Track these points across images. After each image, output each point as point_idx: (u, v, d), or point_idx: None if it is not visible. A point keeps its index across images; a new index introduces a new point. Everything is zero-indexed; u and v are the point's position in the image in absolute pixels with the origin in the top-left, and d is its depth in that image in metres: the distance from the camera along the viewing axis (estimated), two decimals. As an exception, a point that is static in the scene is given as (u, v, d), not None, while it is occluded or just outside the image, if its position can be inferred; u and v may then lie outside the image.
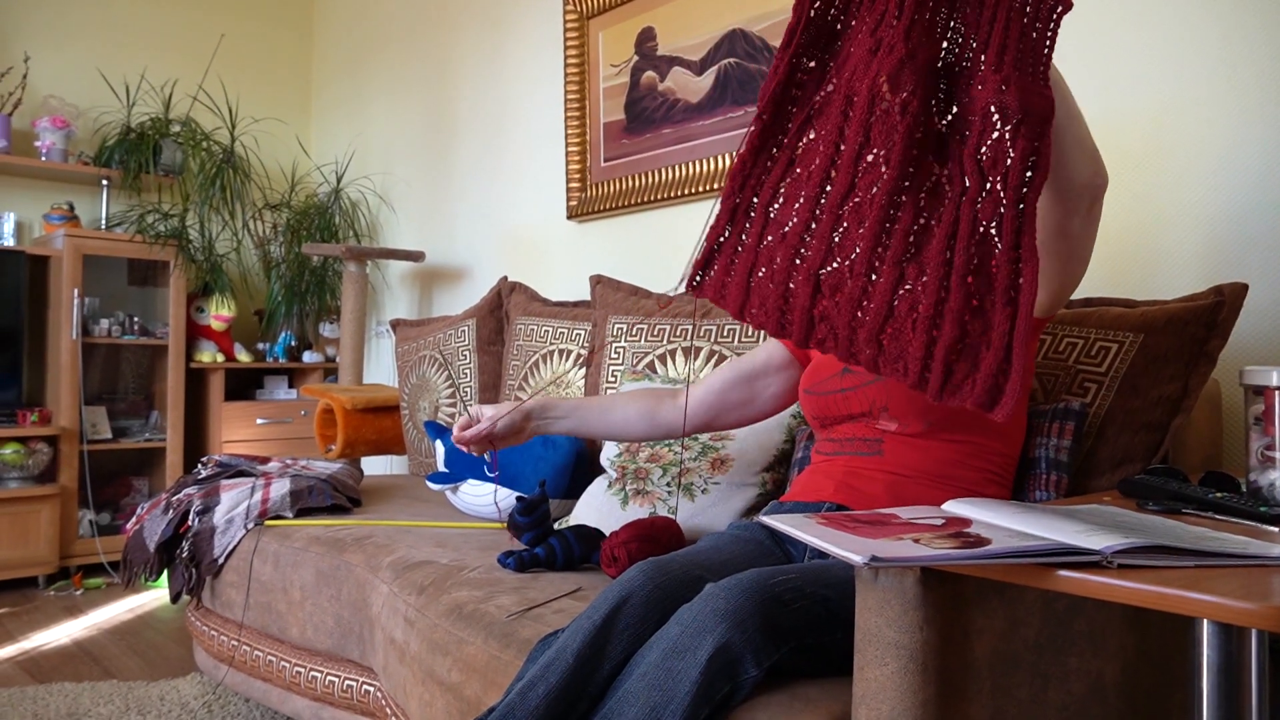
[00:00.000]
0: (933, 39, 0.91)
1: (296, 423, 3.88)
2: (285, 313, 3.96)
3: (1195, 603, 0.67)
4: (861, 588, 0.89)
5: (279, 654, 1.98)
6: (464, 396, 2.28)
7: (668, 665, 0.98)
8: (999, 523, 0.89)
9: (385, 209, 3.96)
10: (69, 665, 2.49)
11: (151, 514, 2.25)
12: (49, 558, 3.29)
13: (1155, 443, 1.37)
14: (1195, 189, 1.68)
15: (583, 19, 2.91)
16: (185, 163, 3.83)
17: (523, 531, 1.65)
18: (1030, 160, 0.85)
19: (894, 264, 0.89)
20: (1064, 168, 1.05)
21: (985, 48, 0.89)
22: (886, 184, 0.89)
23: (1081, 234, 1.13)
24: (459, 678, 1.36)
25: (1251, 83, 1.61)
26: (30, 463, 3.31)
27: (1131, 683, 1.09)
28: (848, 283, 0.91)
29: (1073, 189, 1.07)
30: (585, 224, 2.96)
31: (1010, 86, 0.86)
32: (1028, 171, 0.86)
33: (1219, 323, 1.37)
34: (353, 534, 1.94)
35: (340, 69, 4.29)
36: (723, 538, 1.37)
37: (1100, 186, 1.09)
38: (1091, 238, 1.16)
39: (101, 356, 3.73)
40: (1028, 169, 0.86)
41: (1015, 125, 0.86)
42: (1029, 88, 0.86)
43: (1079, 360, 1.46)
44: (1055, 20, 0.87)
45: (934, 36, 0.91)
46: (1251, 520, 0.97)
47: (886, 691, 0.86)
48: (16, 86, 3.60)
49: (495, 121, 3.35)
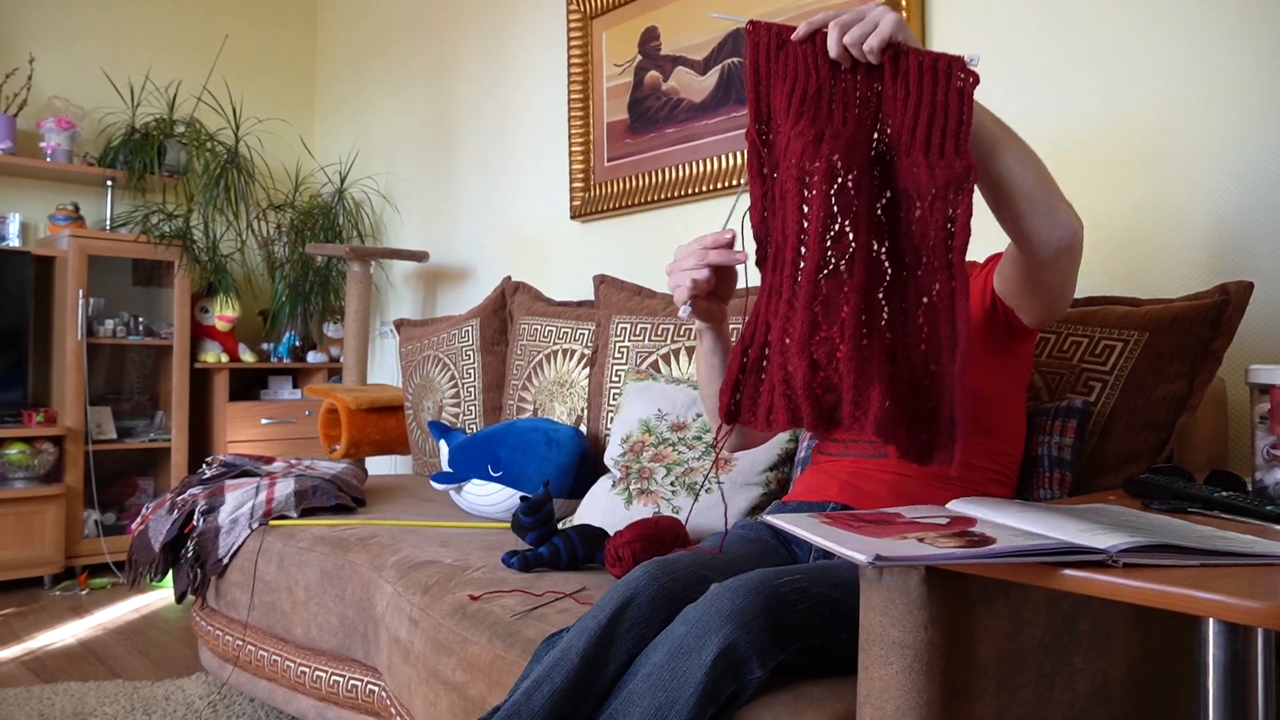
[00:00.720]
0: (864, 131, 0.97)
1: (301, 423, 3.89)
2: (289, 313, 3.97)
3: (1201, 601, 0.67)
4: (866, 587, 0.89)
5: (284, 654, 1.99)
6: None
7: (673, 665, 0.98)
8: (1004, 522, 0.89)
9: (389, 209, 3.96)
10: (75, 665, 2.50)
11: (156, 514, 2.26)
12: (54, 558, 3.30)
13: (1160, 441, 1.37)
14: (1202, 187, 1.67)
15: (586, 19, 2.90)
16: (189, 163, 3.83)
17: (527, 531, 1.65)
18: (949, 227, 0.92)
19: (881, 324, 0.94)
20: (1019, 227, 1.04)
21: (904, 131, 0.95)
22: (859, 250, 0.94)
23: (1056, 283, 1.12)
24: (463, 677, 1.37)
25: (1256, 79, 1.60)
26: (36, 463, 3.32)
27: (1137, 682, 1.09)
28: (839, 346, 0.93)
29: (1033, 246, 1.06)
30: (589, 224, 2.96)
31: (920, 166, 0.93)
32: (949, 239, 0.92)
33: (1224, 321, 1.36)
34: (357, 534, 1.95)
35: (344, 69, 4.30)
36: (727, 537, 1.36)
37: (1064, 241, 1.05)
38: (1069, 283, 1.14)
39: (106, 357, 3.74)
40: (949, 236, 0.92)
41: (931, 199, 0.92)
42: (939, 163, 0.92)
43: (1083, 358, 1.46)
44: (966, 99, 0.92)
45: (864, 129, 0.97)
46: (1257, 519, 0.96)
47: (891, 691, 0.86)
48: (21, 87, 3.61)
49: (499, 121, 3.35)
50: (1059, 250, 1.05)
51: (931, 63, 0.93)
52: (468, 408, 2.65)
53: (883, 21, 0.94)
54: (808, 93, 0.98)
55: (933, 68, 0.93)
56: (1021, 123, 1.89)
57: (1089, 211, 1.81)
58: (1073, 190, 1.83)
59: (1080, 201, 1.82)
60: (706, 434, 1.78)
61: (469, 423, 2.64)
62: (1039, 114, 1.89)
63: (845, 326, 0.93)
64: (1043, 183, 1.03)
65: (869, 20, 0.94)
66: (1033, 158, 1.03)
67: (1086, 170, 1.82)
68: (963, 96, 0.91)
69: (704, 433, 1.79)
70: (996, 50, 1.96)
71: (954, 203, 0.91)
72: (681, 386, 1.90)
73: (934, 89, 0.93)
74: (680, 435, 1.81)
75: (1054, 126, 1.87)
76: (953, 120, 0.92)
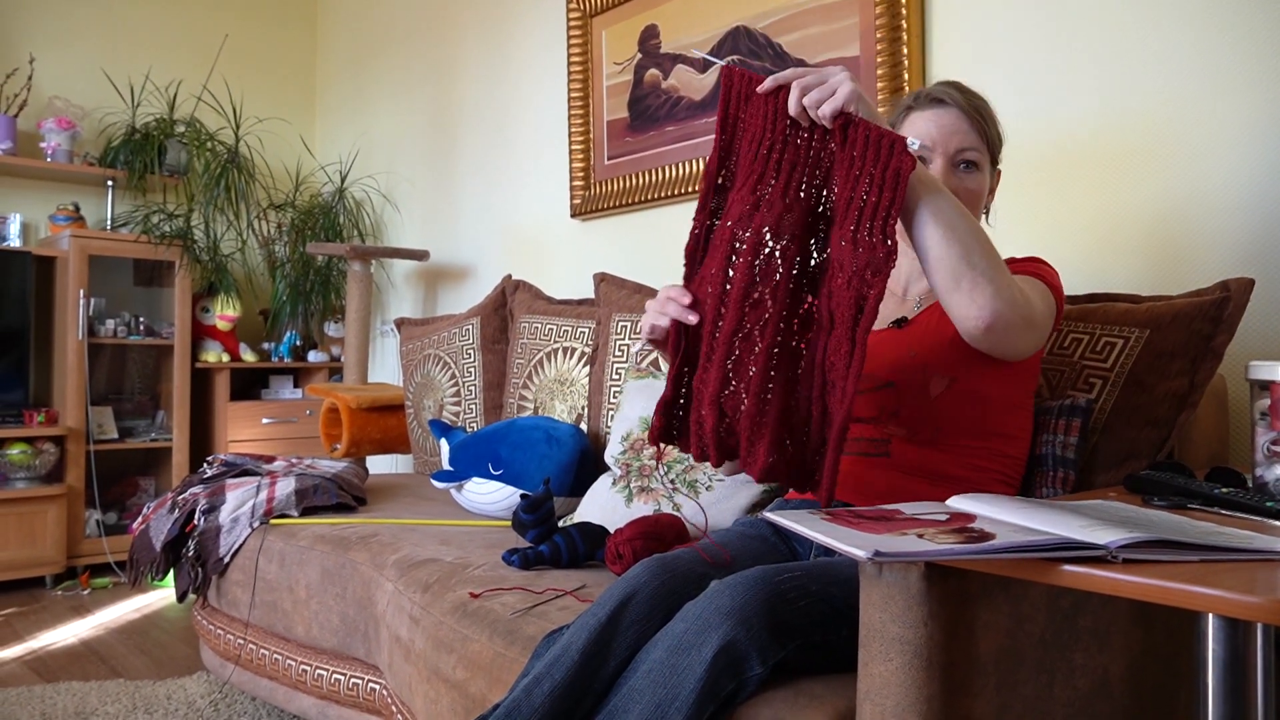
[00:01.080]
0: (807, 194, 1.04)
1: (302, 422, 3.89)
2: (290, 312, 3.97)
3: (1200, 597, 0.67)
4: (865, 583, 0.89)
5: (285, 652, 1.99)
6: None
7: (673, 662, 0.98)
8: (1003, 518, 0.89)
9: (389, 208, 3.96)
10: (76, 664, 2.50)
11: (157, 513, 2.26)
12: (56, 558, 3.30)
13: (1161, 438, 1.37)
14: (1205, 184, 1.67)
15: (586, 17, 2.90)
16: (190, 163, 3.83)
17: (527, 529, 1.65)
18: (860, 304, 0.97)
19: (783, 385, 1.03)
20: (940, 298, 1.06)
21: (841, 201, 1.00)
22: (772, 318, 1.02)
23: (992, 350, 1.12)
24: (464, 675, 1.37)
25: (1260, 74, 1.60)
26: (37, 463, 3.32)
27: (1138, 679, 1.09)
28: (744, 402, 1.03)
29: (954, 318, 1.06)
30: (589, 222, 2.96)
31: (847, 241, 0.98)
32: (858, 315, 0.97)
33: (1225, 318, 1.36)
34: (357, 532, 1.95)
35: (344, 68, 4.30)
36: (728, 534, 1.36)
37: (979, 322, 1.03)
38: (1012, 350, 1.14)
39: (107, 357, 3.74)
40: (858, 313, 0.97)
41: (849, 276, 0.97)
42: (866, 241, 0.97)
43: (1084, 356, 1.45)
44: (900, 181, 0.95)
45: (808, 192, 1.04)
46: (1258, 515, 0.96)
47: (891, 687, 0.86)
48: (22, 88, 3.61)
49: (499, 120, 3.35)
50: (975, 330, 1.05)
51: (877, 138, 0.97)
52: (468, 406, 2.66)
53: (839, 90, 0.97)
54: (760, 150, 1.05)
55: (877, 143, 0.97)
56: (1022, 122, 1.90)
57: (1092, 210, 1.81)
58: (1074, 190, 1.83)
59: (1082, 200, 1.82)
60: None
61: (470, 421, 2.64)
62: (1040, 113, 1.89)
63: (750, 384, 1.02)
64: (966, 261, 1.01)
65: (828, 86, 0.99)
66: (963, 235, 1.02)
67: (1088, 169, 1.82)
68: (898, 177, 0.95)
69: (704, 430, 1.79)
70: (996, 50, 1.95)
71: (869, 283, 0.96)
72: (682, 384, 1.90)
73: (874, 164, 0.97)
74: (681, 433, 1.81)
75: (1055, 125, 1.86)
76: (885, 200, 0.96)
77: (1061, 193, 1.86)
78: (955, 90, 1.32)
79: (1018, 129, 1.92)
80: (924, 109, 1.32)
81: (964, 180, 1.29)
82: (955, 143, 1.28)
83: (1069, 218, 1.84)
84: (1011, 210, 1.91)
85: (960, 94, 1.31)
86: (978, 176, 1.30)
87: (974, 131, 1.29)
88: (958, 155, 1.28)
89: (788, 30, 2.33)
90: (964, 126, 1.28)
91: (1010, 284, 1.06)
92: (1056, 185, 1.86)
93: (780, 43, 2.35)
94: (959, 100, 1.30)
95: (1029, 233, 1.88)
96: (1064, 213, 1.85)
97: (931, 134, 1.29)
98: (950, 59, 2.03)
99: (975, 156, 1.28)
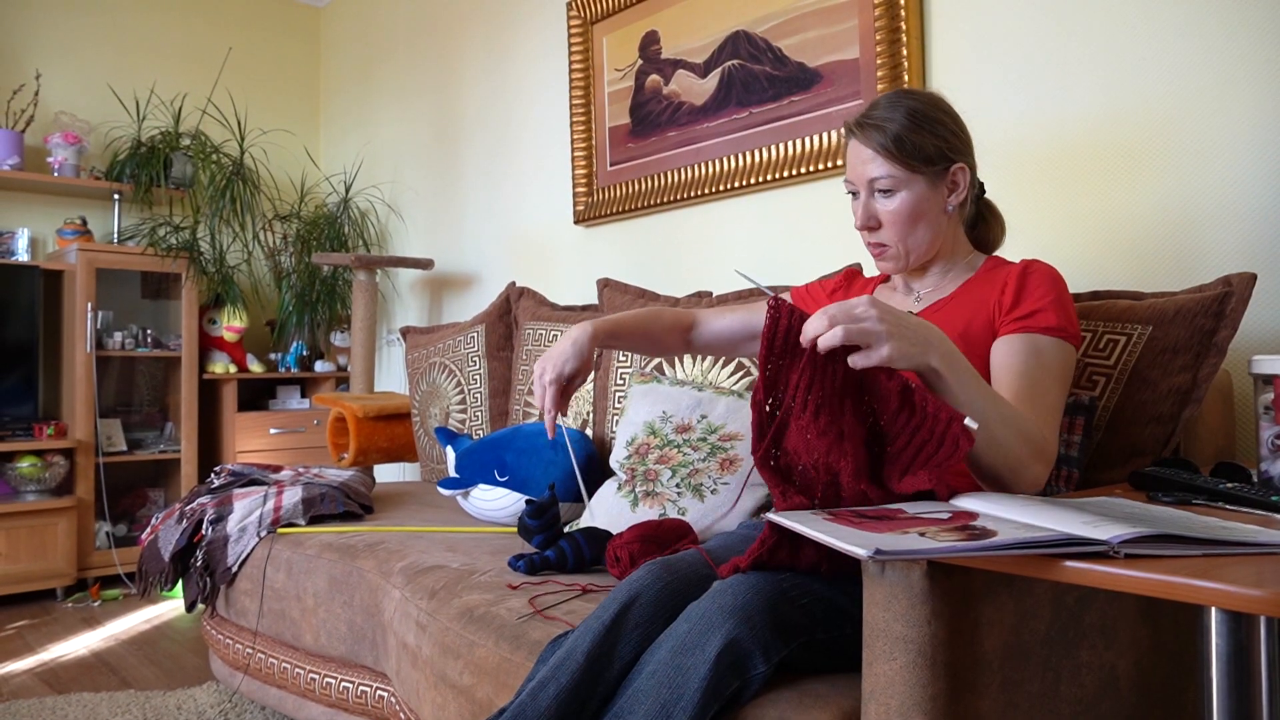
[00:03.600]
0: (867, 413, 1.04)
1: (309, 432, 3.90)
2: (296, 323, 3.98)
3: (1202, 590, 0.67)
4: (868, 582, 0.89)
5: (293, 661, 1.99)
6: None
7: (677, 662, 0.98)
8: (1006, 515, 0.89)
9: (394, 217, 3.98)
10: (87, 676, 2.51)
11: (166, 524, 2.27)
12: (67, 570, 3.32)
13: (1166, 435, 1.37)
14: (1206, 180, 1.67)
15: (586, 24, 2.91)
16: (196, 175, 3.86)
17: (533, 534, 1.65)
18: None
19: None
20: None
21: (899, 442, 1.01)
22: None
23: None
24: (470, 680, 1.37)
25: (1259, 71, 1.60)
26: (47, 476, 3.33)
27: (1145, 676, 1.08)
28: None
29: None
30: (592, 228, 2.97)
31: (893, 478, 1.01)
32: None
33: (1227, 313, 1.36)
34: (365, 540, 1.95)
35: (347, 79, 4.32)
36: (732, 537, 1.37)
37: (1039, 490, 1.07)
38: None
39: (116, 369, 3.76)
40: None
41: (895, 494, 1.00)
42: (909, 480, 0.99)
43: (1087, 353, 1.45)
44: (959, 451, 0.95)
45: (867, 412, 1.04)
46: (1263, 510, 0.96)
47: (895, 686, 0.86)
48: (29, 104, 3.64)
49: (501, 128, 3.36)
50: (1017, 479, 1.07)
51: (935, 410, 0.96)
52: (474, 413, 2.66)
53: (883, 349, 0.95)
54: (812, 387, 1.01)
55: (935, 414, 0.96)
56: (1023, 122, 1.90)
57: (1093, 208, 1.81)
58: (1076, 188, 1.83)
59: (1083, 199, 1.82)
60: (711, 435, 1.78)
61: (476, 428, 2.64)
62: (1040, 112, 1.89)
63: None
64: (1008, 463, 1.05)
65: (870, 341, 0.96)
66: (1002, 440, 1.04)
67: (1089, 168, 1.82)
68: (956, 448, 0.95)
69: (708, 434, 1.79)
70: (995, 50, 1.96)
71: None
72: (686, 388, 1.90)
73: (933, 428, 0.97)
74: (685, 437, 1.81)
75: (1055, 125, 1.86)
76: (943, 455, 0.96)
77: (1063, 191, 1.86)
78: (867, 113, 1.32)
79: (1018, 128, 1.92)
80: (847, 139, 1.35)
81: (885, 206, 1.31)
82: (866, 173, 1.31)
83: (1071, 216, 1.84)
84: (1014, 209, 1.91)
85: (867, 118, 1.31)
86: (898, 198, 1.30)
87: (880, 158, 1.29)
88: (872, 185, 1.31)
89: (788, 34, 2.34)
90: (868, 155, 1.30)
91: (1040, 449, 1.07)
92: (1058, 184, 1.86)
93: (780, 46, 2.35)
94: (858, 132, 1.32)
95: (1032, 230, 1.88)
96: (1066, 211, 1.85)
97: (849, 170, 1.34)
98: (949, 60, 2.03)
99: (888, 184, 1.30)
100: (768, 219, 2.44)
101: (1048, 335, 1.19)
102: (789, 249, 2.37)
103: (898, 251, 1.34)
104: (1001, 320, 1.24)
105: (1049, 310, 1.21)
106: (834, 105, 2.24)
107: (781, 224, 2.39)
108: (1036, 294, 1.23)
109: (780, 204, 2.40)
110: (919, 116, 1.30)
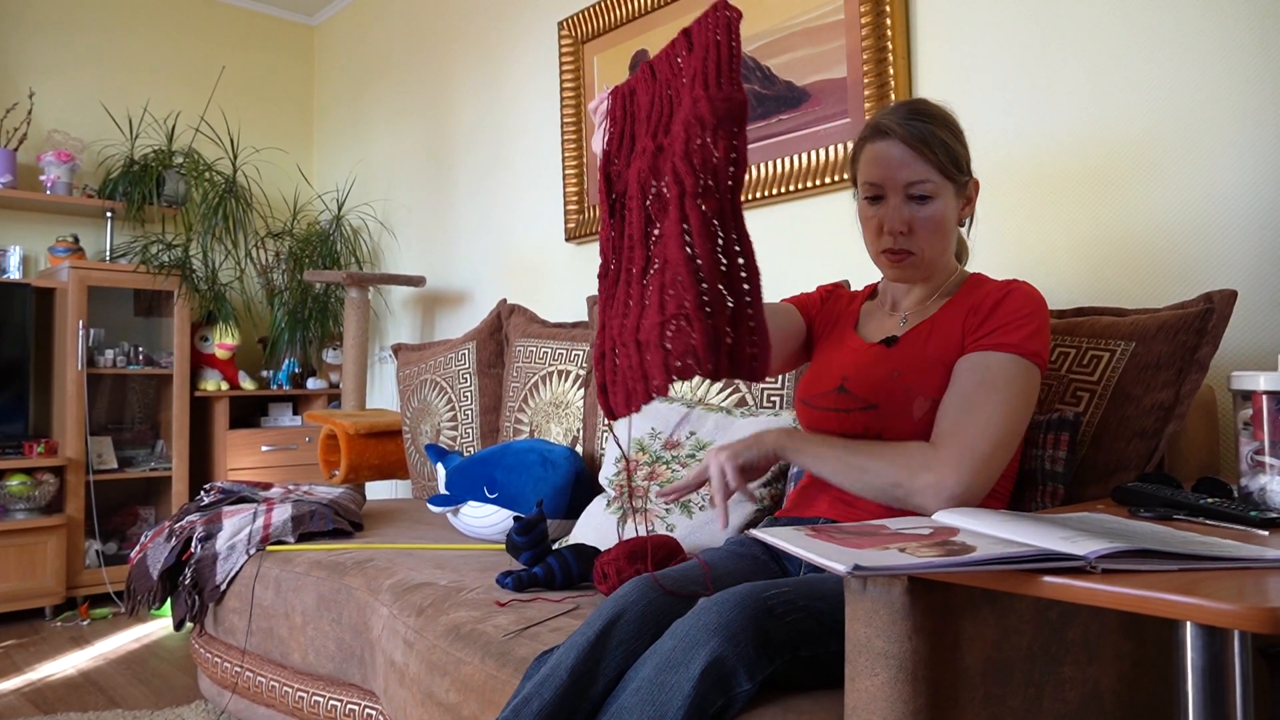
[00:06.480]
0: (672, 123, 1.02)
1: (301, 449, 3.89)
2: (288, 340, 3.98)
3: (1176, 605, 0.67)
4: (850, 598, 0.89)
5: (281, 679, 1.98)
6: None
7: (661, 679, 0.98)
8: (986, 531, 0.90)
9: (386, 235, 3.99)
10: (75, 695, 2.49)
11: (155, 542, 2.26)
12: (56, 589, 3.30)
13: (1149, 450, 1.37)
14: (1186, 196, 1.68)
15: (577, 43, 2.94)
16: (188, 193, 3.86)
17: (521, 551, 1.65)
18: (732, 156, 0.95)
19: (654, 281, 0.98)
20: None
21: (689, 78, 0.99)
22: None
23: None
24: (457, 698, 1.36)
25: (1243, 89, 1.62)
26: (37, 494, 3.32)
27: (1129, 690, 1.09)
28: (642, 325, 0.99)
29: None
30: (583, 245, 2.98)
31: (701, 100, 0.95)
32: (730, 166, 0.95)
33: (1209, 330, 1.37)
34: (353, 558, 1.95)
35: (340, 98, 4.34)
36: (719, 553, 1.37)
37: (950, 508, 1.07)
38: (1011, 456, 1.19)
39: (107, 387, 3.75)
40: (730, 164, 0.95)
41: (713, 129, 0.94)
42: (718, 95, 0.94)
43: (1071, 370, 1.46)
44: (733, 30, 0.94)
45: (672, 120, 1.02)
46: (1241, 525, 0.97)
47: (878, 702, 0.86)
48: (21, 121, 3.65)
49: (493, 146, 3.38)
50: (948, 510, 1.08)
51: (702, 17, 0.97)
52: (465, 430, 2.66)
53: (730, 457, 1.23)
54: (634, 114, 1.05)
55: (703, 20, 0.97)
56: (1008, 140, 1.92)
57: (1076, 225, 1.83)
58: (1058, 203, 1.85)
59: (1067, 215, 1.84)
60: (700, 452, 1.79)
61: (467, 445, 2.64)
62: (1025, 130, 1.90)
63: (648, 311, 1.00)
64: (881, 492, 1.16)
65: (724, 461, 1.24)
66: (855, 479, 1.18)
67: (1072, 185, 1.83)
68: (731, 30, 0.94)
69: (697, 451, 1.79)
70: (981, 69, 1.98)
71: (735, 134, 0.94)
72: (674, 405, 1.91)
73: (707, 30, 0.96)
74: (674, 453, 1.82)
75: (1039, 142, 1.88)
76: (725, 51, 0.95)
77: (1046, 208, 1.87)
78: (903, 116, 1.27)
79: (1004, 146, 1.94)
80: (873, 142, 1.29)
81: (919, 212, 1.26)
82: (903, 177, 1.25)
83: (1054, 232, 1.86)
84: (998, 225, 1.93)
85: (906, 121, 1.26)
86: (934, 205, 1.26)
87: (921, 160, 1.24)
88: (908, 190, 1.26)
89: (776, 53, 2.36)
90: (909, 158, 1.24)
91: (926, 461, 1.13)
92: (1041, 201, 1.88)
93: (768, 65, 2.38)
94: (900, 131, 1.25)
95: (1015, 247, 1.90)
96: (1049, 227, 1.87)
97: (879, 172, 1.27)
98: (936, 79, 2.06)
99: (928, 189, 1.25)
100: (756, 236, 2.44)
101: (1000, 351, 1.19)
102: (778, 265, 2.38)
103: (921, 259, 1.29)
104: (968, 341, 1.25)
105: (1010, 328, 1.21)
106: (822, 124, 2.26)
107: (770, 241, 2.40)
108: (1005, 314, 1.23)
109: (769, 221, 2.42)
110: (951, 125, 1.28)
